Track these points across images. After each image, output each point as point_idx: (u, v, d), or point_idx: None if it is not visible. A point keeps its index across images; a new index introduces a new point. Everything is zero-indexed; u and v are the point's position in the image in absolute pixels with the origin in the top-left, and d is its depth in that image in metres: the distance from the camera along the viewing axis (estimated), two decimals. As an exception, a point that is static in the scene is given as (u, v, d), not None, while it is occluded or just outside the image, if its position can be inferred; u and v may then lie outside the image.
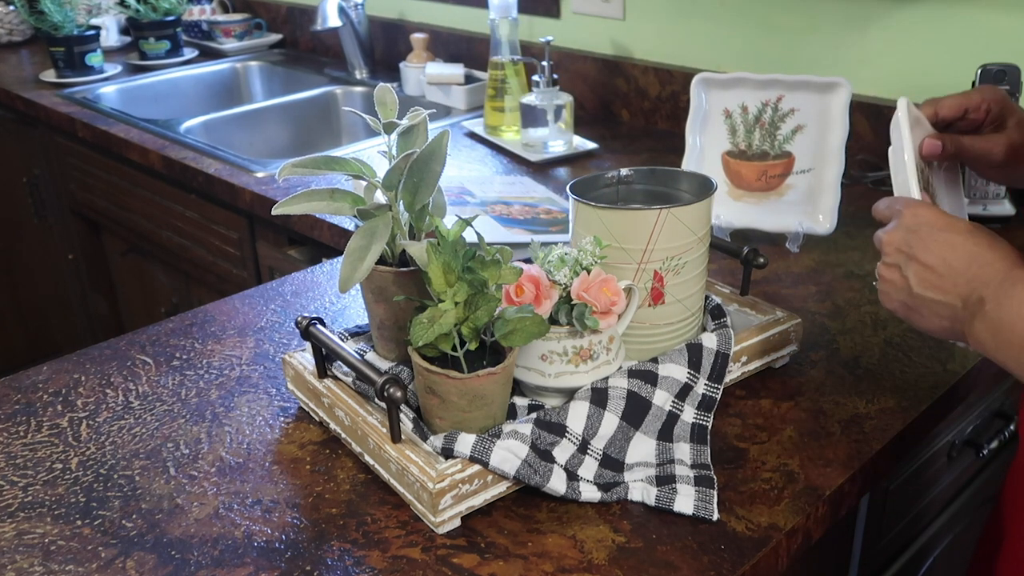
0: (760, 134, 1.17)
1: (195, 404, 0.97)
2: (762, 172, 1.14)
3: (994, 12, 1.38)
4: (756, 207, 1.18)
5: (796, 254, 1.26)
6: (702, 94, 1.19)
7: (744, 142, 1.16)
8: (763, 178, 1.15)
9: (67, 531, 0.79)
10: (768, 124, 1.17)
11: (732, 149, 1.15)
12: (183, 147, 1.81)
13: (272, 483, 0.85)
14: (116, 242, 2.24)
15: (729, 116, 1.17)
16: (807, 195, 1.19)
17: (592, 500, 0.80)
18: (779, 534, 0.77)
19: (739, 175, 1.14)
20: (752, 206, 1.18)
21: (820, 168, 1.19)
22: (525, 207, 1.41)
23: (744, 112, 1.17)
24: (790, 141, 1.18)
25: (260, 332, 1.11)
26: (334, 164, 0.86)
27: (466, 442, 0.78)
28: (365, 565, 0.75)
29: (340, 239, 1.42)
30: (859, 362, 1.01)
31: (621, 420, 0.84)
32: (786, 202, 1.18)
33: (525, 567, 0.74)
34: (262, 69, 2.47)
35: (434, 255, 0.79)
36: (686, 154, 1.21)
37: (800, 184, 1.18)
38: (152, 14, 2.40)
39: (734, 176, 1.13)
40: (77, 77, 2.29)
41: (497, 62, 1.76)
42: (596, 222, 0.88)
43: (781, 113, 1.18)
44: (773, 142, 1.17)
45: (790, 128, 1.18)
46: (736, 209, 1.20)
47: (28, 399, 0.99)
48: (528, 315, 0.79)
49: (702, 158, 1.17)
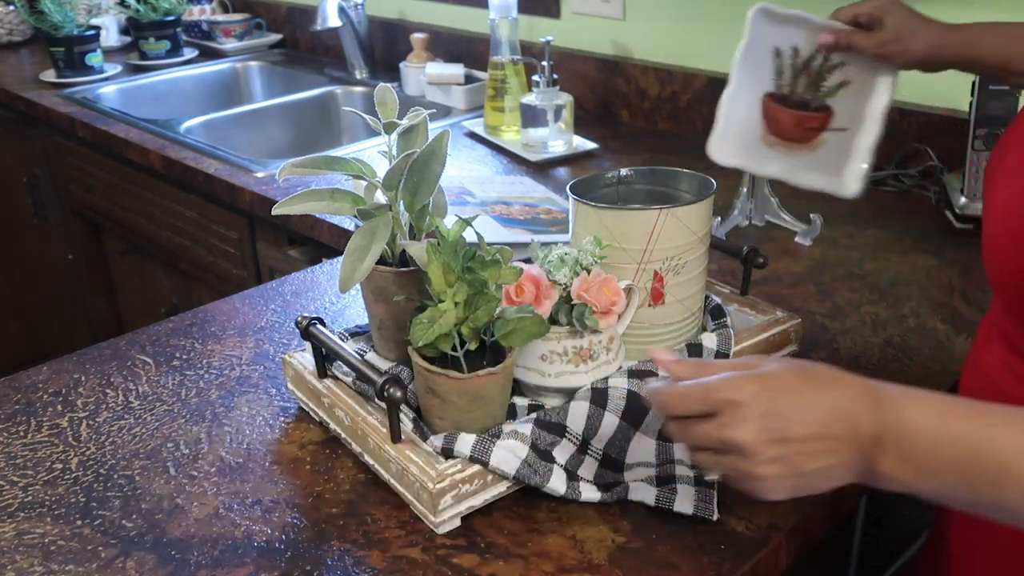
0: (805, 81, 1.11)
1: (195, 404, 0.97)
2: (799, 121, 1.07)
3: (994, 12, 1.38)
4: (785, 158, 1.11)
5: (796, 254, 1.26)
6: (757, 26, 1.11)
7: (788, 86, 1.10)
8: (799, 128, 1.08)
9: (67, 531, 0.79)
10: (815, 72, 1.11)
11: (775, 92, 1.09)
12: (183, 147, 1.81)
13: (272, 483, 0.85)
14: (116, 242, 2.24)
15: (779, 55, 1.10)
16: (837, 155, 1.12)
17: (592, 500, 0.80)
18: (779, 534, 0.77)
19: (776, 120, 1.06)
20: (782, 156, 1.11)
21: (856, 129, 1.12)
22: (525, 207, 1.41)
23: (795, 54, 1.11)
24: (833, 95, 1.11)
25: (260, 332, 1.11)
26: (334, 164, 0.86)
27: (466, 442, 0.78)
28: (365, 565, 0.75)
29: (340, 239, 1.42)
30: (859, 362, 1.01)
31: (621, 420, 0.84)
32: (816, 159, 1.11)
33: (525, 567, 0.74)
34: (262, 69, 2.47)
35: (434, 255, 0.79)
36: (727, 90, 1.14)
37: (833, 141, 1.11)
38: (152, 14, 2.40)
39: (772, 121, 1.05)
40: (77, 77, 2.29)
41: (497, 62, 1.76)
42: (596, 222, 0.88)
43: (830, 64, 1.11)
44: (816, 92, 1.11)
45: (835, 81, 1.11)
46: (765, 156, 1.13)
47: (28, 399, 0.99)
48: (528, 315, 0.79)
49: (738, 96, 1.10)
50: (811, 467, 0.63)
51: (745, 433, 0.63)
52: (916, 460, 0.61)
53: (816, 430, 0.62)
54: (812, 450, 0.63)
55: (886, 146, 1.51)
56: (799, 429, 0.62)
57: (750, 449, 0.63)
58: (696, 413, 0.65)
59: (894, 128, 1.50)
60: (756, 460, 0.63)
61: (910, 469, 0.61)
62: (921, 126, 1.48)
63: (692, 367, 0.68)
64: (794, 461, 0.63)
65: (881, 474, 0.62)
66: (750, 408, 0.63)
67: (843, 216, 1.38)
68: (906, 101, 1.50)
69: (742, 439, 0.63)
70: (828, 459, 0.63)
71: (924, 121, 1.47)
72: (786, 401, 0.63)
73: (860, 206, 1.41)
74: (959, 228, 1.30)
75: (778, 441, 0.62)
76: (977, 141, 1.29)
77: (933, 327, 1.07)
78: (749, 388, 0.64)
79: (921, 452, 0.61)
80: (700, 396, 0.65)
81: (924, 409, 0.62)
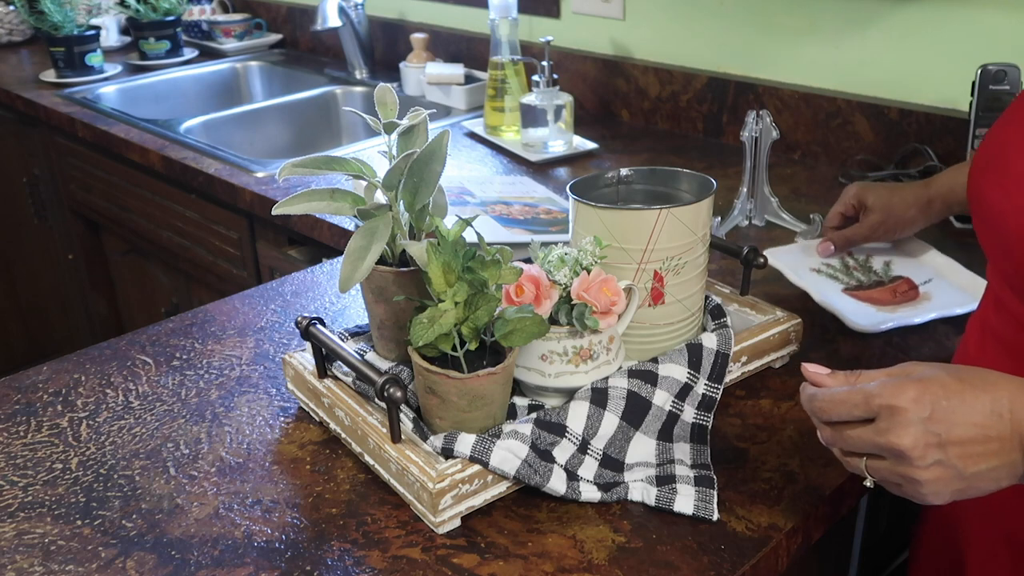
0: (862, 271, 1.18)
1: (195, 404, 0.97)
2: (892, 291, 1.13)
3: (994, 12, 1.38)
4: (913, 310, 1.12)
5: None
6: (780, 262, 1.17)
7: (855, 280, 1.16)
8: (896, 295, 1.13)
9: (67, 531, 0.79)
10: (860, 266, 1.19)
11: (847, 286, 1.16)
12: (183, 147, 1.81)
13: (272, 483, 0.85)
14: (116, 242, 2.24)
15: (819, 272, 1.18)
16: (948, 289, 1.15)
17: (592, 500, 0.80)
18: (779, 534, 0.77)
19: (875, 299, 1.12)
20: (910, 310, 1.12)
21: (937, 270, 1.18)
22: (525, 207, 1.41)
23: (830, 267, 1.19)
24: (889, 270, 1.18)
25: (260, 332, 1.11)
26: (334, 164, 0.86)
27: (466, 442, 0.78)
28: (365, 565, 0.75)
29: (340, 239, 1.42)
30: (859, 362, 1.01)
31: (621, 420, 0.84)
32: (935, 302, 1.13)
33: (525, 567, 0.74)
34: (262, 69, 2.47)
35: (434, 255, 0.79)
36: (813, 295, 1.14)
37: (935, 289, 1.15)
38: (152, 14, 2.40)
39: (874, 303, 1.11)
40: (77, 77, 2.29)
41: (497, 62, 1.76)
42: (596, 222, 0.88)
43: (861, 259, 1.21)
44: (876, 274, 1.18)
45: (881, 263, 1.19)
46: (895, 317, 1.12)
47: (28, 399, 0.99)
48: (528, 315, 0.79)
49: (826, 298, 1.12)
50: (974, 469, 0.63)
51: (906, 438, 0.63)
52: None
53: (977, 432, 0.63)
54: (974, 452, 0.63)
55: (885, 146, 1.52)
56: (960, 432, 0.63)
57: (912, 453, 0.63)
58: (854, 419, 0.66)
59: (894, 128, 1.50)
60: (918, 465, 0.63)
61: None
62: (921, 126, 1.48)
63: (845, 377, 0.69)
64: (956, 465, 0.63)
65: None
66: (910, 412, 0.63)
67: (843, 216, 1.38)
68: (906, 101, 1.50)
69: (904, 444, 0.63)
70: (991, 461, 0.63)
71: (924, 121, 1.47)
72: (946, 405, 0.63)
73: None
74: (959, 228, 1.30)
75: (939, 445, 0.63)
76: (977, 141, 1.29)
77: (933, 327, 1.07)
78: (909, 393, 0.64)
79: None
80: (859, 401, 0.65)
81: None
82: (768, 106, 1.65)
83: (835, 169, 1.57)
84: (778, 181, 1.53)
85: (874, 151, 1.54)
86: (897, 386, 0.65)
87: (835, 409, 0.67)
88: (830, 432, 0.68)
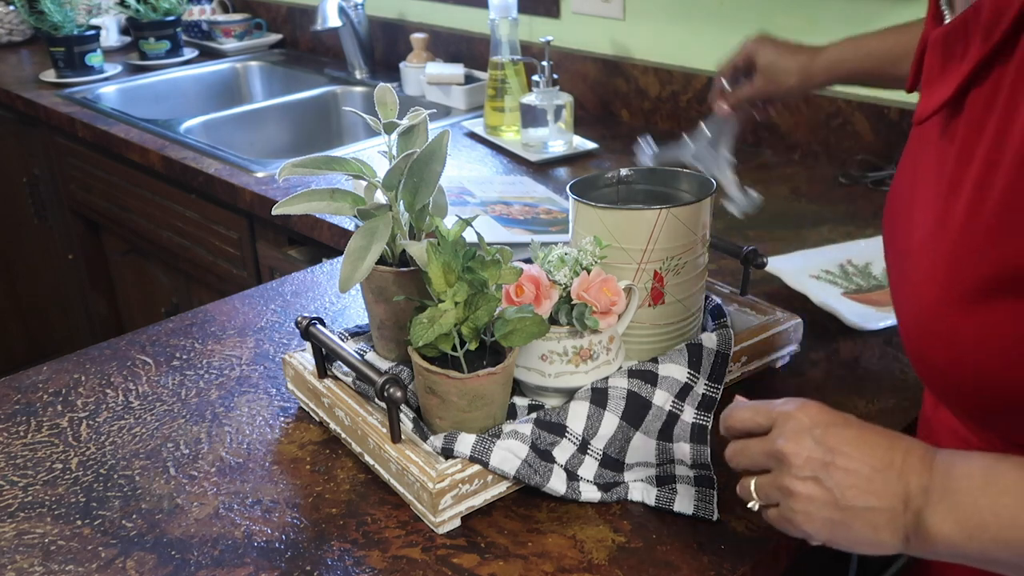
0: (861, 276, 1.18)
1: (195, 404, 0.97)
2: None
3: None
4: None
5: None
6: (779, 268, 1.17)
7: (854, 285, 1.16)
8: None
9: (67, 531, 0.79)
10: (859, 272, 1.19)
11: (847, 291, 1.15)
12: (183, 147, 1.81)
13: (272, 483, 0.85)
14: (116, 242, 2.24)
15: (819, 278, 1.17)
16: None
17: (592, 500, 0.80)
18: (779, 534, 0.77)
19: (874, 301, 1.12)
20: None
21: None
22: (525, 207, 1.41)
23: (829, 273, 1.19)
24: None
25: (260, 332, 1.11)
26: (334, 164, 0.86)
27: (466, 442, 0.78)
28: (365, 565, 0.75)
29: (340, 239, 1.42)
30: (859, 362, 1.01)
31: (621, 420, 0.84)
32: None
33: (525, 567, 0.74)
34: (262, 69, 2.47)
35: (434, 255, 0.79)
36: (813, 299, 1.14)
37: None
38: (152, 14, 2.40)
39: (874, 304, 1.11)
40: (77, 77, 2.29)
41: (497, 62, 1.76)
42: (596, 222, 0.88)
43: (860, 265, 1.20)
44: (875, 278, 1.17)
45: (880, 269, 1.18)
46: None
47: (28, 399, 0.99)
48: (528, 315, 0.79)
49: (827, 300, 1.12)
50: (851, 502, 0.60)
51: (792, 443, 0.62)
52: (963, 511, 0.57)
53: (865, 467, 0.60)
54: (856, 484, 0.60)
55: (885, 146, 1.52)
56: (847, 460, 0.60)
57: (793, 460, 0.61)
58: (756, 429, 0.66)
59: (894, 128, 1.50)
60: (796, 474, 0.61)
61: (957, 522, 0.57)
62: (921, 126, 1.47)
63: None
64: (834, 490, 0.60)
65: (928, 531, 0.58)
66: (805, 423, 0.62)
67: (843, 216, 1.38)
68: (906, 101, 1.50)
69: (788, 448, 0.62)
70: (870, 500, 0.60)
71: (924, 121, 1.47)
72: (842, 432, 0.62)
73: (860, 206, 1.41)
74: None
75: (823, 463, 0.61)
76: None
77: (933, 327, 1.07)
78: (811, 409, 0.63)
79: (969, 503, 0.57)
80: (763, 409, 0.65)
81: (975, 461, 0.58)
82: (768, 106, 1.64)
83: (835, 169, 1.57)
84: (778, 181, 1.54)
85: (874, 151, 1.54)
86: (803, 402, 0.64)
87: (740, 416, 0.67)
88: (731, 448, 0.68)
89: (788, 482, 0.62)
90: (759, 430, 0.65)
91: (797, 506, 0.62)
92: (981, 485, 0.57)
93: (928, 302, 0.61)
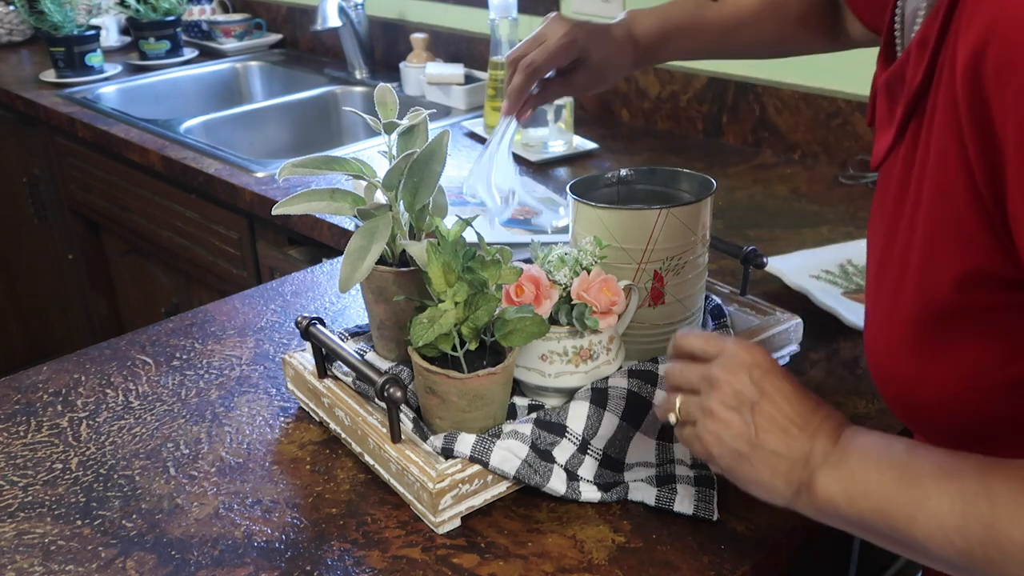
0: (861, 276, 1.18)
1: (195, 404, 0.97)
2: None
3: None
4: None
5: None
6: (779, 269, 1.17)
7: (854, 285, 1.16)
8: None
9: (67, 531, 0.79)
10: (859, 272, 1.19)
11: (847, 290, 1.15)
12: (183, 147, 1.81)
13: (272, 483, 0.85)
14: (116, 242, 2.24)
15: (819, 278, 1.17)
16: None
17: (592, 500, 0.80)
18: (779, 534, 0.77)
19: None
20: None
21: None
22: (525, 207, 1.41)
23: (829, 273, 1.19)
24: None
25: (260, 332, 1.11)
26: (334, 164, 0.86)
27: (466, 442, 0.78)
28: (365, 565, 0.75)
29: (340, 239, 1.42)
30: (859, 362, 1.01)
31: (621, 420, 0.84)
32: None
33: (525, 567, 0.74)
34: (262, 69, 2.47)
35: (434, 255, 0.79)
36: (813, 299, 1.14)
37: None
38: (152, 14, 2.40)
39: None
40: (77, 77, 2.29)
41: (497, 62, 1.76)
42: (596, 222, 0.88)
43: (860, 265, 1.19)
44: None
45: None
46: None
47: (28, 399, 0.99)
48: (528, 315, 0.79)
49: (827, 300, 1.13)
50: (763, 442, 0.64)
51: (730, 376, 0.65)
52: (851, 479, 0.61)
53: (787, 416, 0.64)
54: (772, 429, 0.64)
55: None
56: (775, 403, 0.64)
57: (724, 388, 0.65)
58: (701, 355, 0.69)
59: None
60: (721, 400, 0.65)
61: (843, 488, 0.61)
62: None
63: None
64: (752, 425, 0.64)
65: (816, 490, 0.62)
66: (747, 360, 0.66)
67: (843, 216, 1.38)
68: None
69: (724, 378, 0.65)
70: (780, 447, 0.63)
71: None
72: (780, 381, 0.65)
73: (860, 206, 1.41)
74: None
75: (751, 401, 0.64)
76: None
77: (933, 327, 1.07)
78: (758, 353, 0.67)
79: (858, 472, 0.61)
80: (715, 341, 0.69)
81: (875, 439, 0.62)
82: (768, 106, 1.65)
83: (835, 169, 1.57)
84: (778, 181, 1.54)
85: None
86: (753, 345, 0.67)
87: (692, 340, 0.70)
88: (671, 364, 0.71)
89: (712, 405, 0.65)
90: (704, 356, 0.69)
91: (712, 427, 0.66)
92: (873, 459, 0.61)
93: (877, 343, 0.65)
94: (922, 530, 0.57)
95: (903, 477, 0.58)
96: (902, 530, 0.58)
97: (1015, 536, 0.53)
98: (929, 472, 0.58)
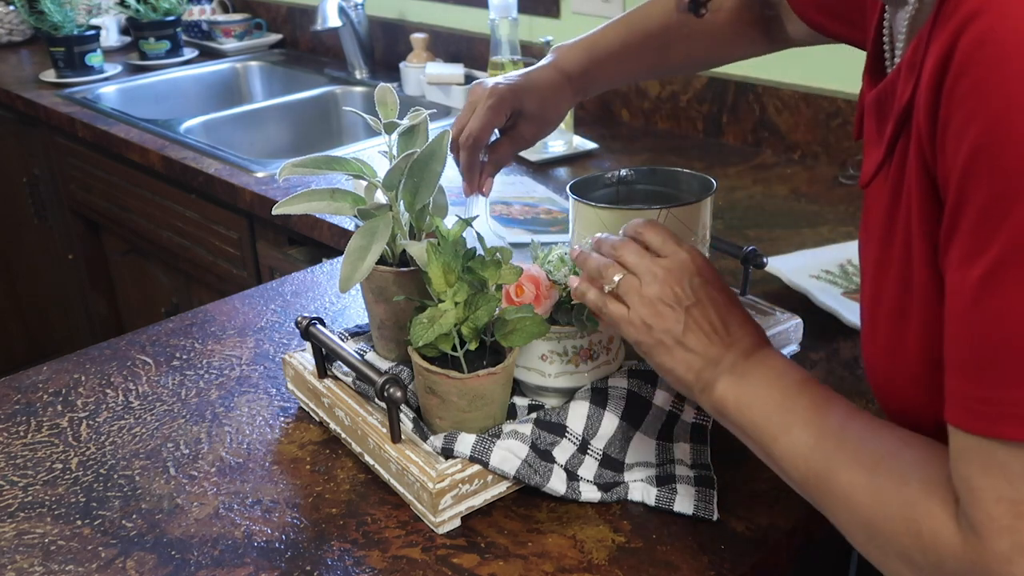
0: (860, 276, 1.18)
1: (195, 404, 0.97)
2: None
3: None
4: None
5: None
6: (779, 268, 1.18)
7: (853, 284, 1.16)
8: None
9: (67, 531, 0.79)
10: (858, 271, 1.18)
11: (847, 290, 1.15)
12: (183, 147, 1.81)
13: (272, 483, 0.85)
14: (116, 242, 2.24)
15: (818, 278, 1.17)
16: None
17: (592, 500, 0.80)
18: (779, 534, 0.77)
19: None
20: None
21: None
22: (525, 207, 1.41)
23: (829, 273, 1.18)
24: None
25: (260, 332, 1.11)
26: (334, 164, 0.86)
27: (466, 442, 0.78)
28: (365, 565, 0.75)
29: (340, 239, 1.42)
30: (859, 362, 1.01)
31: (621, 420, 0.84)
32: None
33: (525, 567, 0.74)
34: (262, 69, 2.47)
35: (434, 255, 0.79)
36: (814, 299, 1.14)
37: None
38: (152, 14, 2.40)
39: None
40: (77, 77, 2.29)
41: (497, 62, 1.76)
42: (596, 222, 0.88)
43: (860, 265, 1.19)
44: None
45: None
46: None
47: (28, 399, 0.99)
48: (528, 315, 0.79)
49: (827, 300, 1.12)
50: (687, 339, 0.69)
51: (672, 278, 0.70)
52: (745, 389, 0.67)
53: (714, 320, 0.70)
54: (699, 329, 0.70)
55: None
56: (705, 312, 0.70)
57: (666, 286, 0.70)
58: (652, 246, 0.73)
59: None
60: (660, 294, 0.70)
61: (736, 395, 0.67)
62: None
63: None
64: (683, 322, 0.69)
65: (714, 391, 0.68)
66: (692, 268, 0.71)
67: (843, 216, 1.38)
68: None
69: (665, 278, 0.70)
70: (699, 347, 0.69)
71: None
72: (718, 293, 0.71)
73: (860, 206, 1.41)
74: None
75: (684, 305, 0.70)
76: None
77: (933, 327, 1.07)
78: (707, 268, 0.72)
79: (751, 385, 0.67)
80: (672, 240, 0.73)
81: (778, 363, 0.69)
82: (768, 106, 1.65)
83: (835, 169, 1.57)
84: (778, 181, 1.54)
85: (874, 151, 1.54)
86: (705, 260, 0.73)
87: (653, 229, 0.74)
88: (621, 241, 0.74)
89: (652, 296, 0.70)
90: (654, 250, 0.73)
91: (645, 314, 0.70)
92: (768, 380, 0.67)
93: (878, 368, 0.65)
94: (779, 450, 0.64)
95: (783, 403, 0.66)
96: (767, 445, 0.65)
97: (842, 479, 0.59)
98: (805, 404, 0.65)
